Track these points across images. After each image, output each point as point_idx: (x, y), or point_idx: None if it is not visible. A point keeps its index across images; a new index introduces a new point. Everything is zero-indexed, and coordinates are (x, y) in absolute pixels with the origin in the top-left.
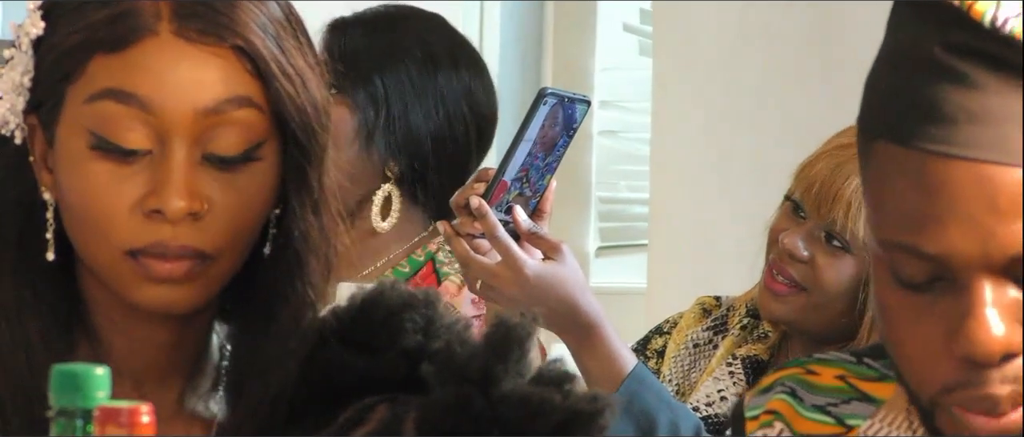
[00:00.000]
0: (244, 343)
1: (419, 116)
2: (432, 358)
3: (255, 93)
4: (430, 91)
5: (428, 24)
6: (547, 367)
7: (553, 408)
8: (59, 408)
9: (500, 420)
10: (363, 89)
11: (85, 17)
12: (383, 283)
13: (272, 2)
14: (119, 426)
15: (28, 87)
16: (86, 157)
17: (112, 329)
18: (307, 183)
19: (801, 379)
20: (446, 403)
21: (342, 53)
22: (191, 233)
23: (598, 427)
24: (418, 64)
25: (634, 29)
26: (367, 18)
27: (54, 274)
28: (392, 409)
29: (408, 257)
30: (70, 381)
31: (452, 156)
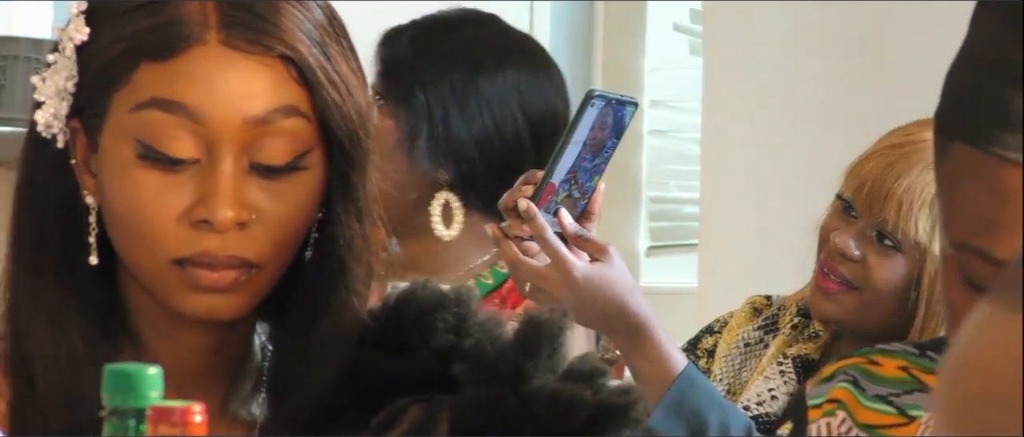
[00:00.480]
0: (285, 348)
1: (462, 123)
2: (464, 357)
3: (302, 102)
4: (472, 97)
5: (478, 29)
6: (578, 362)
7: (583, 404)
8: (112, 408)
9: (531, 418)
10: (405, 102)
11: (131, 24)
12: (416, 282)
13: (315, 6)
14: (172, 426)
15: (71, 92)
16: (133, 165)
17: (154, 334)
18: (352, 190)
19: (863, 369)
20: (477, 402)
21: (388, 65)
22: (238, 243)
23: (630, 420)
24: (460, 71)
25: (684, 28)
26: (416, 29)
27: (96, 278)
28: (425, 410)
29: (491, 268)
30: (123, 381)
31: (503, 159)
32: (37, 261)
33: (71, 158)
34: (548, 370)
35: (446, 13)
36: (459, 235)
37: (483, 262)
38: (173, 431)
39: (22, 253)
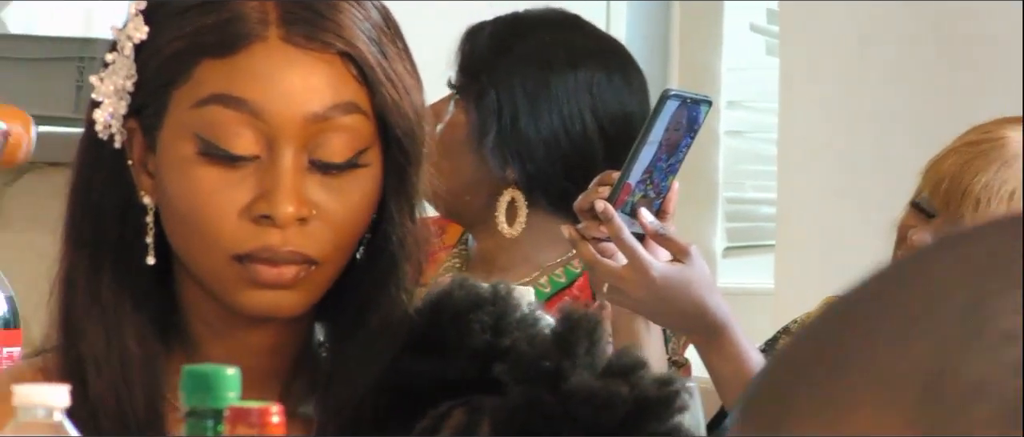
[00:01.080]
0: (336, 347)
1: (530, 123)
2: (503, 357)
3: (361, 99)
4: (542, 96)
5: (556, 29)
6: (617, 357)
7: (621, 400)
8: (190, 408)
9: (571, 416)
10: (478, 99)
11: (191, 22)
12: (454, 282)
13: (371, 5)
14: (249, 426)
15: (130, 91)
16: (193, 162)
17: (210, 334)
18: (407, 188)
19: None
20: (517, 404)
21: (466, 60)
22: (299, 238)
23: (671, 412)
24: (533, 71)
25: (761, 29)
26: (496, 26)
27: (152, 278)
28: (467, 414)
29: (564, 268)
30: (201, 382)
31: (570, 159)
32: (93, 262)
33: (128, 159)
34: (586, 367)
35: (529, 13)
36: (527, 233)
37: (557, 262)
38: (251, 431)
39: (78, 255)
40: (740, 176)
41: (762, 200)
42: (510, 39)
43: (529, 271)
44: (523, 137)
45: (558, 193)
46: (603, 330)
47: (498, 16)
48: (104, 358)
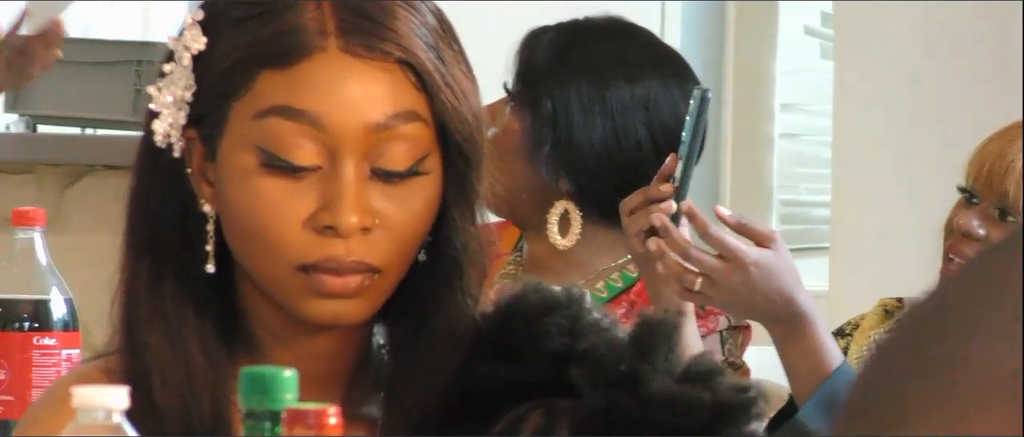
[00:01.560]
0: (401, 351)
1: (584, 136)
2: (579, 360)
3: (420, 106)
4: (597, 109)
5: (615, 40)
6: (695, 362)
7: (702, 405)
8: (248, 410)
9: (650, 421)
10: (533, 109)
11: (249, 33)
12: (527, 285)
13: (426, 10)
14: (307, 428)
15: (189, 102)
16: (255, 173)
17: (273, 340)
18: (467, 193)
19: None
20: (597, 408)
21: (524, 67)
22: (362, 248)
23: (749, 417)
24: (588, 83)
25: (815, 32)
26: (555, 34)
27: (213, 286)
28: (545, 416)
29: (621, 272)
30: (259, 383)
31: (623, 172)
32: (154, 272)
33: (187, 167)
34: (665, 372)
35: (589, 21)
36: (581, 241)
37: (613, 267)
38: (308, 433)
39: (139, 264)
40: (794, 179)
41: (816, 202)
42: (567, 49)
43: (585, 275)
44: (576, 150)
45: (610, 206)
46: (680, 335)
47: (559, 23)
48: (169, 367)
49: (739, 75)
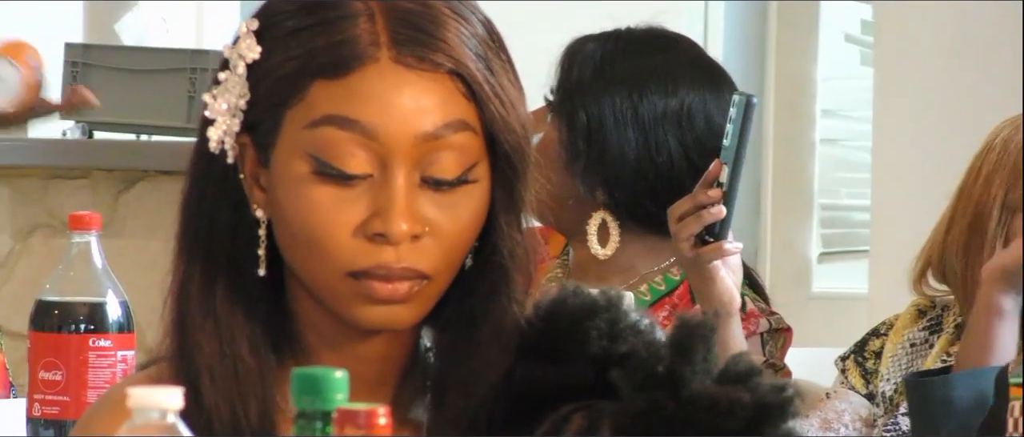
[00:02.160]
0: (448, 354)
1: (618, 149)
2: (620, 363)
3: (470, 116)
4: (631, 122)
5: (653, 53)
6: (733, 362)
7: (742, 406)
8: (300, 410)
9: (691, 421)
10: (570, 120)
11: (303, 43)
12: (567, 289)
13: (476, 20)
14: (357, 428)
15: (243, 109)
16: (308, 181)
17: (321, 343)
18: (515, 201)
19: None
20: (638, 409)
21: (564, 77)
22: (412, 255)
23: (787, 416)
24: (624, 96)
25: (855, 39)
26: (596, 45)
27: (264, 289)
28: (587, 418)
29: (664, 276)
30: (310, 384)
31: (657, 184)
32: (206, 274)
33: (239, 172)
34: (704, 373)
35: (630, 32)
36: (621, 250)
37: (656, 270)
38: (358, 433)
39: (191, 266)
40: (835, 183)
41: (857, 207)
42: (605, 61)
43: (627, 279)
44: (610, 163)
45: (647, 216)
46: (717, 337)
47: (600, 33)
48: (218, 368)
49: (781, 81)
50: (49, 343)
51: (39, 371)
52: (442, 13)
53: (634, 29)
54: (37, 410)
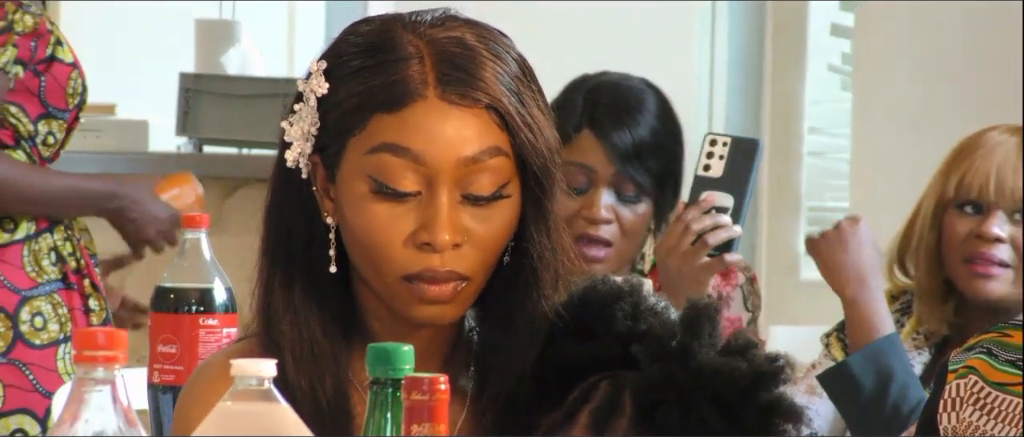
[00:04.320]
0: (488, 338)
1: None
2: (640, 339)
3: (503, 143)
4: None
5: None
6: (734, 337)
7: (741, 374)
8: (373, 378)
9: (699, 387)
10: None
11: (364, 82)
12: (595, 279)
13: (509, 58)
14: (422, 393)
15: (314, 134)
16: (367, 198)
17: (383, 328)
18: (543, 212)
19: (998, 341)
20: (654, 378)
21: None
22: (454, 260)
23: (780, 382)
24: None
25: (837, 69)
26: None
27: (334, 282)
28: (612, 385)
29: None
30: (383, 357)
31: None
32: (286, 271)
33: (313, 185)
34: (710, 346)
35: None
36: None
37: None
38: (423, 397)
39: (274, 264)
40: (820, 189)
41: (837, 208)
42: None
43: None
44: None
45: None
46: (722, 316)
47: (651, 96)
48: (298, 350)
49: (774, 104)
50: (166, 322)
51: (158, 345)
52: (480, 54)
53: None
54: (156, 377)
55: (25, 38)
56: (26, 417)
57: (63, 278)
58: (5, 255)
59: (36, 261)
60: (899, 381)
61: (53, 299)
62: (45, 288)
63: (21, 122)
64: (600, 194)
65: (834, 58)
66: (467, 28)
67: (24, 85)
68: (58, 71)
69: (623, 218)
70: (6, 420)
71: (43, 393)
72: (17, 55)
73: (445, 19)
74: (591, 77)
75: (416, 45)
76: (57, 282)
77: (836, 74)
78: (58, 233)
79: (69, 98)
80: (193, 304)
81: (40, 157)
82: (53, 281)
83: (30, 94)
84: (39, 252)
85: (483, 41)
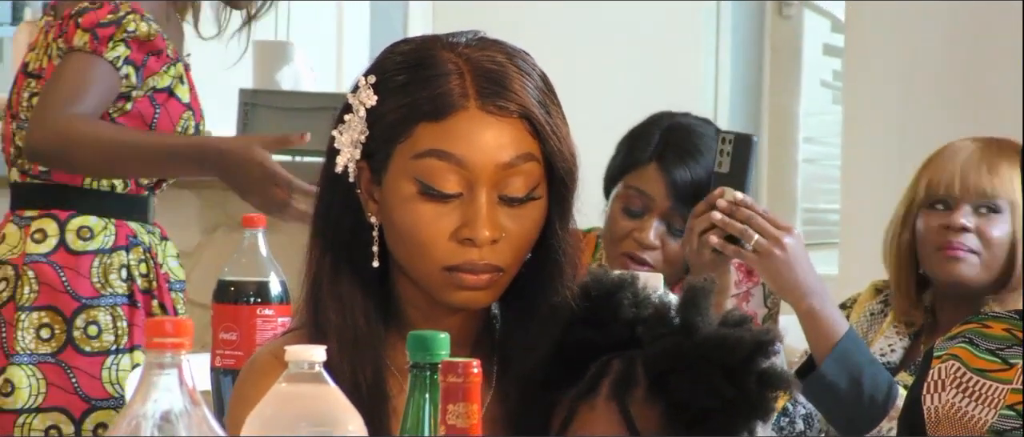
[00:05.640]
0: (513, 324)
1: None
2: (644, 322)
3: (534, 149)
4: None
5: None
6: (729, 313)
7: (744, 341)
8: (413, 362)
9: (706, 356)
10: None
11: (410, 95)
12: (598, 272)
13: (535, 74)
14: (457, 376)
15: (362, 142)
16: (414, 199)
17: (419, 316)
18: (566, 211)
19: (978, 331)
20: (664, 350)
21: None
22: (491, 254)
23: (773, 351)
24: None
25: (829, 84)
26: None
27: (376, 276)
28: (624, 361)
29: None
30: (422, 343)
31: None
32: (334, 265)
33: (357, 188)
34: (709, 321)
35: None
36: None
37: None
38: (458, 380)
39: (322, 258)
40: (814, 192)
41: (830, 210)
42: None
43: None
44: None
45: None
46: (714, 295)
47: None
48: (343, 336)
49: (772, 116)
50: (227, 312)
51: (219, 332)
52: (512, 70)
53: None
54: (218, 361)
55: (138, 44)
56: (62, 416)
57: (129, 295)
58: (75, 263)
59: (104, 274)
60: (868, 374)
61: (115, 312)
62: (107, 300)
63: None
64: (653, 222)
65: (826, 75)
66: (498, 48)
67: (139, 110)
68: (173, 108)
69: (669, 248)
70: (44, 416)
71: (82, 397)
72: (129, 56)
73: (479, 40)
74: (672, 115)
75: (455, 62)
76: (122, 297)
77: (828, 89)
78: (134, 253)
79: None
80: (251, 296)
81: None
82: (117, 295)
83: (142, 122)
84: (109, 266)
85: (512, 59)
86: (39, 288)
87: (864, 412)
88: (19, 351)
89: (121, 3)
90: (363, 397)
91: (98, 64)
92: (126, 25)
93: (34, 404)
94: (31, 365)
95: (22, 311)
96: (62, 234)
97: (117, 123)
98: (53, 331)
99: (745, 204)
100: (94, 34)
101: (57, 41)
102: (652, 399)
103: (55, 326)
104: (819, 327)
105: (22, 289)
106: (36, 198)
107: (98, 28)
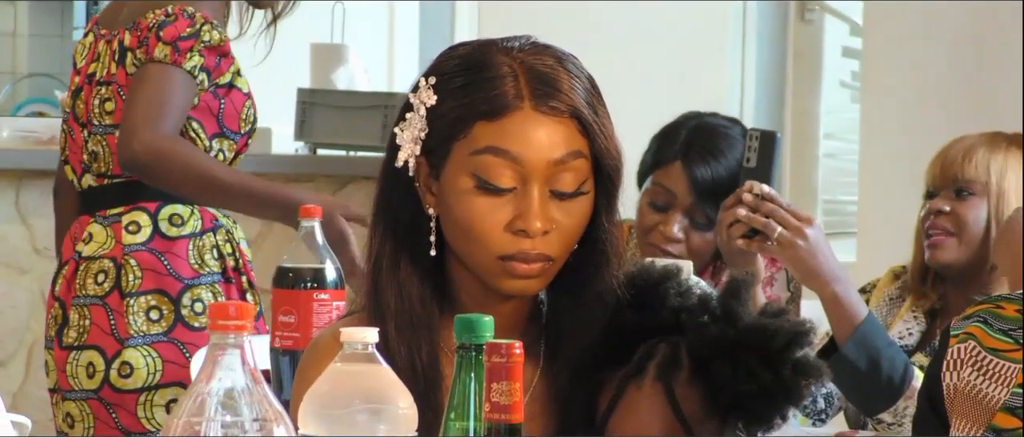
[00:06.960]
0: (561, 310)
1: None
2: (688, 310)
3: (583, 147)
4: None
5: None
6: (768, 304)
7: (783, 331)
8: (459, 344)
9: (744, 343)
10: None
11: (469, 95)
12: (645, 263)
13: (583, 76)
14: (500, 356)
15: (422, 139)
16: (471, 193)
17: (471, 302)
18: (612, 205)
19: (992, 311)
20: (708, 336)
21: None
22: (543, 245)
23: (810, 341)
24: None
25: (848, 85)
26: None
27: (433, 264)
28: (670, 345)
29: None
30: (468, 325)
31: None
32: (394, 252)
33: (416, 182)
34: (749, 312)
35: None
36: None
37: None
38: (501, 360)
39: (383, 246)
40: (833, 185)
41: (848, 201)
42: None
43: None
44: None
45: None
46: (753, 286)
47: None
48: (400, 320)
49: (795, 115)
50: (285, 296)
51: (279, 315)
52: (563, 73)
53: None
54: (277, 342)
55: (210, 51)
56: (180, 390)
57: (223, 272)
58: (173, 247)
59: (199, 255)
60: (886, 356)
61: (214, 289)
62: (206, 278)
63: (199, 137)
64: (677, 216)
65: (845, 76)
66: (549, 52)
67: (206, 104)
68: (235, 98)
69: (693, 241)
70: (163, 391)
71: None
72: (203, 63)
73: (532, 44)
74: (699, 115)
75: (510, 65)
76: (217, 275)
77: (847, 89)
78: (220, 235)
79: (242, 123)
80: (308, 281)
81: None
82: (214, 273)
83: (210, 114)
84: (202, 248)
85: (562, 62)
86: (143, 274)
87: (882, 391)
88: (132, 334)
89: (195, 13)
90: (419, 377)
91: (178, 75)
92: (202, 36)
93: (153, 382)
94: (145, 345)
95: (129, 297)
96: (155, 223)
97: (198, 140)
98: (162, 312)
99: (770, 197)
100: (175, 47)
101: (136, 51)
102: (694, 382)
103: (163, 307)
104: (841, 312)
105: (126, 277)
106: (119, 197)
107: (179, 41)
